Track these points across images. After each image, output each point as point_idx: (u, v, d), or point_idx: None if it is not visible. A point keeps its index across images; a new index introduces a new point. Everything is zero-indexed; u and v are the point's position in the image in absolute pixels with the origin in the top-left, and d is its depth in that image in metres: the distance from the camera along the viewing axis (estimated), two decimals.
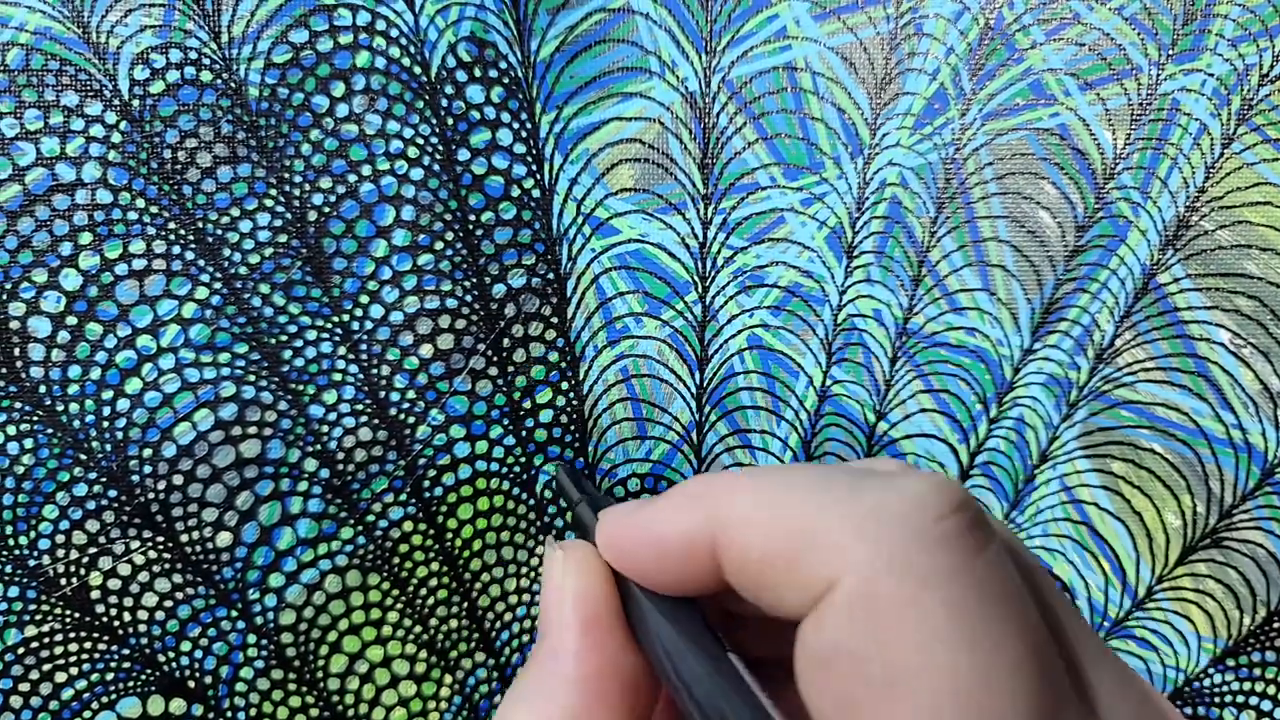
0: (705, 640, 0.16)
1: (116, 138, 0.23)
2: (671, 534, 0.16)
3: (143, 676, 0.25)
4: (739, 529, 0.15)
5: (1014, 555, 0.15)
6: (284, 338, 0.25)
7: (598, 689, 0.17)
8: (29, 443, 0.23)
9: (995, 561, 0.14)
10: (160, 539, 0.24)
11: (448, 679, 0.27)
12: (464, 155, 0.25)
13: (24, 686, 0.24)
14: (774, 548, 0.15)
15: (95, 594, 0.24)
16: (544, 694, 0.17)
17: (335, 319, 0.25)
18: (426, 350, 0.26)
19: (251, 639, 0.25)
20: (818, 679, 0.14)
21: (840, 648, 0.13)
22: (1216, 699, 0.28)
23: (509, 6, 0.25)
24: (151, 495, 0.24)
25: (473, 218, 0.26)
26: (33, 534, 0.23)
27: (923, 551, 0.13)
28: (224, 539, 0.25)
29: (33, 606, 0.24)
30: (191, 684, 0.25)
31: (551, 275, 0.26)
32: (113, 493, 0.24)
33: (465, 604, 0.27)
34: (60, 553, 0.24)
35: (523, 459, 0.27)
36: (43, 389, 0.23)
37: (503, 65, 0.25)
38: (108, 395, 0.24)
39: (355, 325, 0.25)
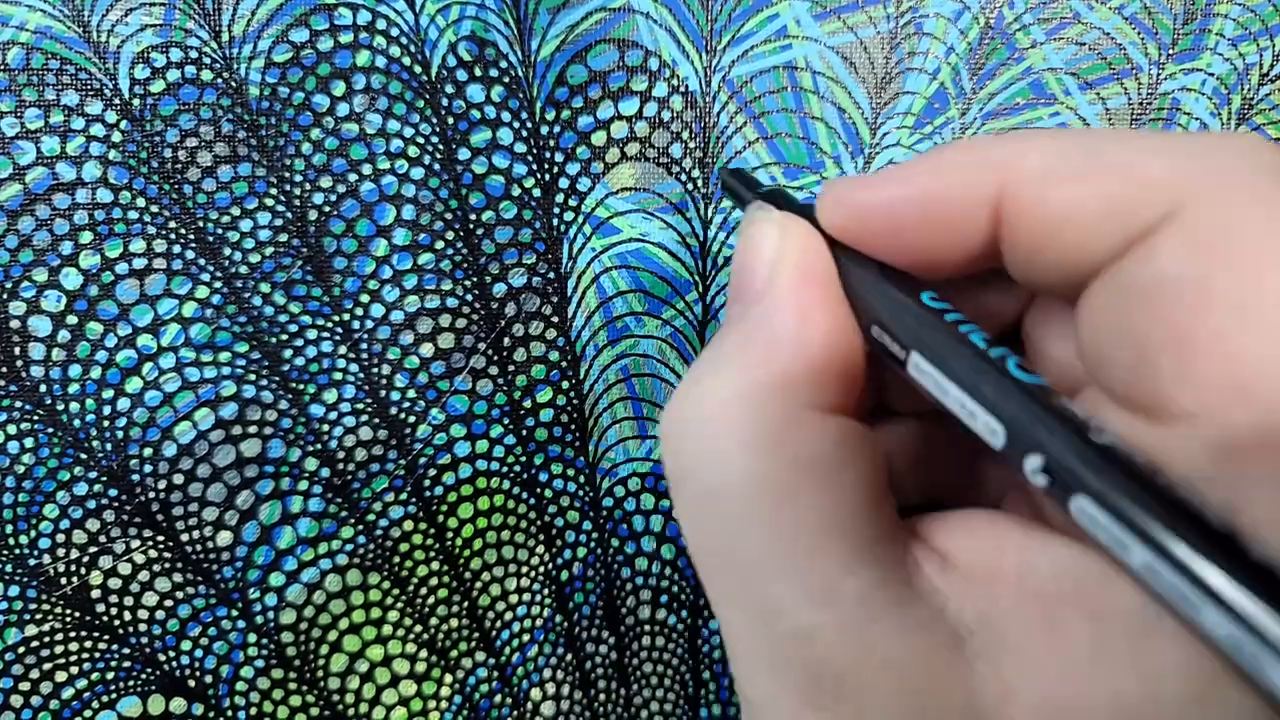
0: (944, 316, 0.14)
1: (117, 137, 0.23)
2: (942, 192, 0.14)
3: (143, 676, 0.25)
4: (1037, 182, 0.13)
5: None
6: (284, 337, 0.25)
7: (818, 353, 0.14)
8: (29, 442, 0.23)
9: None
10: (160, 538, 0.24)
11: (448, 678, 0.27)
12: (464, 154, 0.25)
13: (24, 685, 0.24)
14: (1085, 193, 0.13)
15: (95, 593, 0.24)
16: (754, 354, 0.14)
17: (336, 318, 0.25)
18: (427, 349, 0.26)
19: (252, 638, 0.25)
20: (1135, 317, 0.13)
21: (1176, 277, 0.12)
22: None
23: (509, 6, 0.25)
24: (152, 494, 0.24)
25: (473, 217, 0.26)
26: (33, 533, 0.23)
27: (1274, 183, 0.12)
28: (224, 538, 0.25)
29: (33, 605, 0.24)
30: (192, 683, 0.25)
31: (552, 274, 0.26)
32: (113, 492, 0.24)
33: (465, 603, 0.27)
34: (60, 552, 0.24)
35: (523, 458, 0.27)
36: (43, 388, 0.23)
37: (503, 64, 0.25)
38: (108, 394, 0.24)
39: (356, 324, 0.25)
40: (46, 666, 0.24)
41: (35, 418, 0.23)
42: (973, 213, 0.14)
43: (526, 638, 0.28)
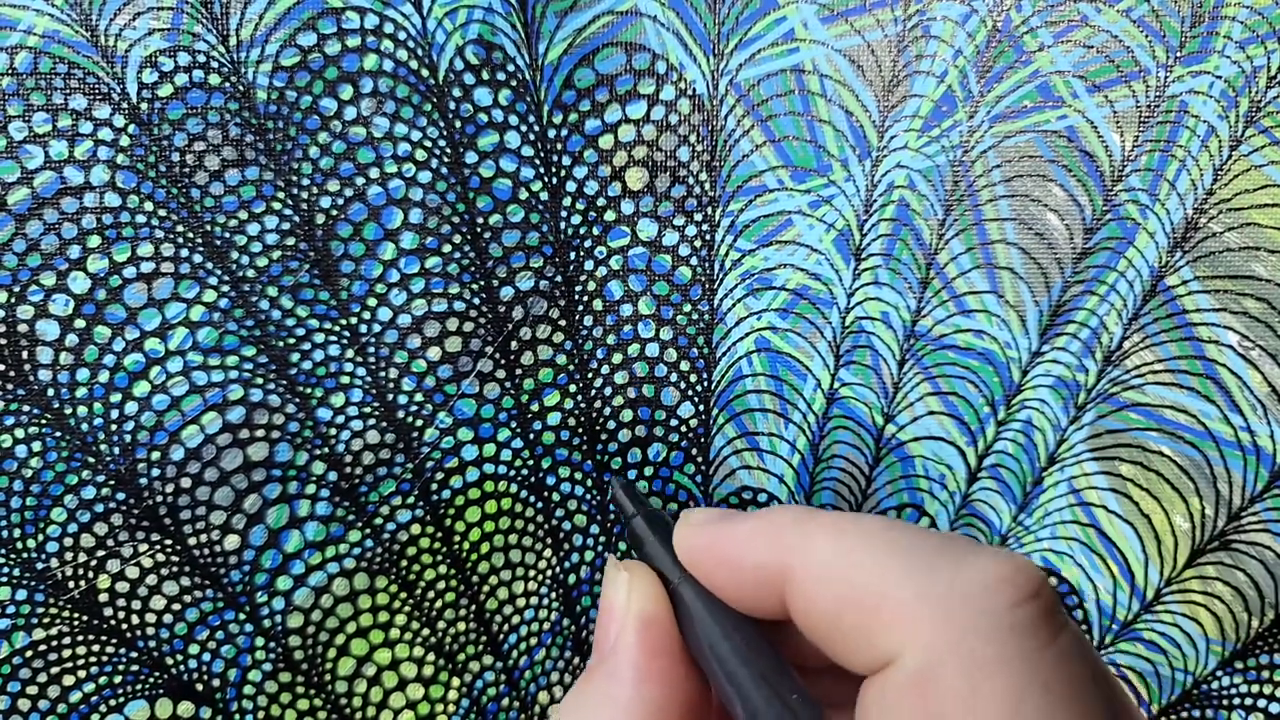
0: (764, 655, 0.17)
1: (125, 141, 0.23)
2: (747, 561, 0.17)
3: (151, 679, 0.25)
4: (812, 579, 0.15)
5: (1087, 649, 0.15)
6: (292, 340, 0.25)
7: (655, 714, 0.17)
8: (37, 445, 0.23)
9: (1065, 654, 0.14)
10: (168, 542, 0.24)
11: (455, 682, 0.27)
12: (472, 158, 0.25)
13: (32, 690, 0.24)
14: (843, 606, 0.15)
15: (103, 597, 0.24)
16: (601, 713, 0.17)
17: (343, 322, 0.25)
18: (434, 353, 0.26)
19: (259, 642, 0.25)
20: None
21: (890, 714, 0.14)
22: (1225, 702, 0.28)
23: (516, 9, 0.25)
24: (159, 498, 0.24)
25: (481, 220, 0.26)
26: (41, 537, 0.23)
27: (991, 638, 0.13)
28: (232, 542, 0.25)
29: (40, 610, 0.24)
30: (199, 687, 0.25)
31: (559, 278, 0.26)
32: (121, 496, 0.24)
33: (473, 607, 0.27)
34: (68, 556, 0.24)
35: (530, 462, 0.27)
36: (51, 392, 0.23)
37: (510, 68, 0.25)
38: (116, 398, 0.24)
39: (363, 328, 0.25)
40: (54, 670, 0.24)
41: (43, 421, 0.23)
42: (770, 583, 0.16)
43: (534, 641, 0.28)
